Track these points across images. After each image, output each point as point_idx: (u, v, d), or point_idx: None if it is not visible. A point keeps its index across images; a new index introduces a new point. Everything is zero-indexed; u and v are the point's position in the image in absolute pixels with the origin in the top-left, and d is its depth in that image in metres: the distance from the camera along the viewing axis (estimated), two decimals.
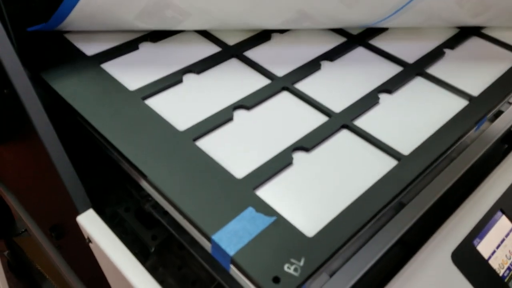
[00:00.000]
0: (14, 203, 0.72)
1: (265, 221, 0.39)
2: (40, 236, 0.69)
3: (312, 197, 0.42)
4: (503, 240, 0.55)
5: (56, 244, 0.65)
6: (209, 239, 0.38)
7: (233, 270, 0.37)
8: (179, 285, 0.54)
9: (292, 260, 0.37)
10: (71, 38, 0.58)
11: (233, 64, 0.57)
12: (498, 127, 0.67)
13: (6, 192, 0.73)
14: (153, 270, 0.56)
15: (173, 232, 0.52)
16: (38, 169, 0.53)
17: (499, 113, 0.69)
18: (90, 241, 0.48)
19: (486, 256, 0.54)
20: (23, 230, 1.19)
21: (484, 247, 0.54)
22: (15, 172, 0.67)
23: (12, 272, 1.27)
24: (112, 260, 0.45)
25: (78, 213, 0.48)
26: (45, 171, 0.50)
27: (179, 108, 0.50)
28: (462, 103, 0.53)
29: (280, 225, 0.39)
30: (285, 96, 0.53)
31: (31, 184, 0.61)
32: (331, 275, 0.51)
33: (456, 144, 0.48)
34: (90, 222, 0.47)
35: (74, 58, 0.54)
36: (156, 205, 0.55)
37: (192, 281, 0.54)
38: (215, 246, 0.38)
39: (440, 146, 0.47)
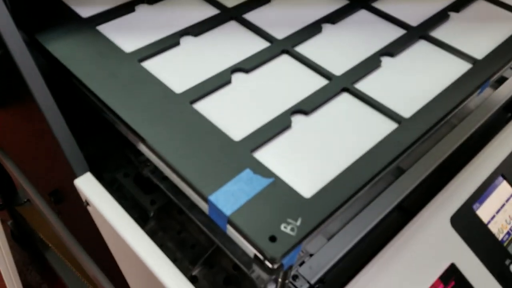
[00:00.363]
0: (13, 170, 0.72)
1: (262, 182, 0.39)
2: (41, 204, 0.69)
3: (310, 159, 0.41)
4: (503, 205, 0.55)
5: (56, 210, 0.65)
6: (206, 200, 0.38)
7: (230, 230, 0.37)
8: (178, 248, 0.54)
9: (289, 220, 0.36)
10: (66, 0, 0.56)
11: (232, 27, 0.56)
12: (502, 94, 0.66)
13: (5, 159, 0.73)
14: (152, 234, 0.56)
15: (172, 196, 0.52)
16: (35, 133, 0.53)
17: (503, 79, 0.68)
18: (88, 204, 0.48)
19: (485, 220, 0.53)
20: (26, 200, 1.20)
21: (483, 211, 0.53)
22: (14, 138, 0.67)
23: (15, 241, 1.29)
24: (110, 222, 0.45)
25: (75, 176, 0.48)
26: (42, 135, 0.50)
27: (176, 70, 0.49)
28: (465, 66, 0.51)
29: (278, 186, 0.39)
30: (284, 59, 0.52)
31: (29, 149, 0.61)
32: (329, 239, 0.51)
33: (459, 108, 0.47)
34: (88, 185, 0.47)
35: (69, 20, 0.53)
36: (155, 170, 0.55)
37: (191, 245, 0.55)
38: (212, 206, 0.38)
39: (442, 109, 0.46)
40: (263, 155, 0.42)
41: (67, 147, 0.47)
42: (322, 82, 0.49)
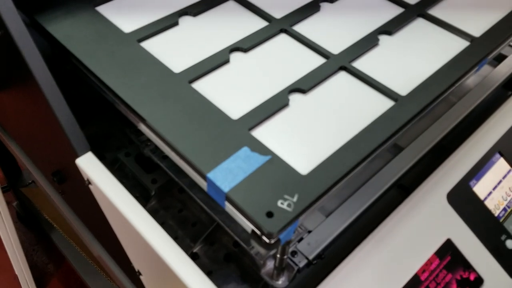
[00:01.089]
0: (17, 151, 0.73)
1: (259, 160, 0.40)
2: (45, 184, 0.70)
3: (307, 137, 0.42)
4: (500, 182, 0.56)
5: (59, 190, 0.66)
6: (204, 177, 0.39)
7: (228, 207, 0.38)
8: (179, 226, 0.55)
9: (286, 196, 0.37)
10: None
11: (230, 6, 0.56)
12: (501, 72, 0.66)
13: (9, 140, 0.74)
14: (154, 213, 0.57)
15: (173, 175, 0.53)
16: (37, 114, 0.54)
17: (502, 57, 0.68)
18: (89, 183, 0.48)
19: (482, 197, 0.54)
20: (30, 181, 1.22)
21: (480, 188, 0.54)
22: (16, 119, 0.67)
23: (21, 222, 1.31)
24: (111, 200, 0.46)
25: (77, 156, 0.49)
26: (44, 115, 0.50)
27: (175, 50, 0.49)
28: (463, 44, 0.52)
29: (275, 163, 0.39)
30: (283, 38, 0.52)
31: (32, 130, 0.62)
32: (327, 216, 0.52)
33: (456, 86, 0.48)
34: (89, 164, 0.48)
35: (68, 1, 0.53)
36: (155, 150, 0.55)
37: (192, 223, 0.56)
38: (210, 183, 0.38)
39: (439, 87, 0.46)
40: (261, 133, 0.42)
41: (68, 127, 0.48)
42: (320, 61, 0.49)
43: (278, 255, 0.45)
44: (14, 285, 1.18)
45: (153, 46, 0.50)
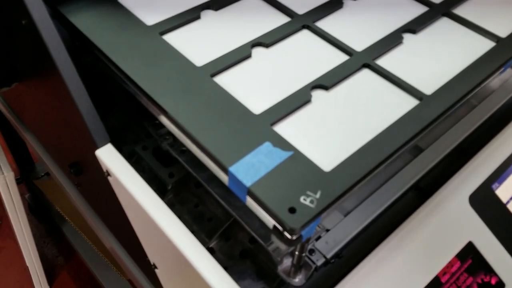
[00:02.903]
0: (33, 143, 0.73)
1: (282, 155, 0.39)
2: (60, 176, 0.71)
3: (330, 134, 0.41)
4: None
5: (75, 182, 0.66)
6: (226, 171, 0.38)
7: (249, 202, 0.38)
8: (195, 221, 0.55)
9: (309, 193, 0.37)
10: None
11: (252, 1, 0.55)
12: None
13: (25, 132, 0.74)
14: (169, 207, 0.56)
15: (190, 169, 0.53)
16: (57, 104, 0.54)
17: None
18: (109, 174, 0.48)
19: (504, 200, 0.53)
20: (43, 174, 1.22)
21: (503, 191, 0.53)
22: (34, 110, 0.67)
23: (32, 214, 1.32)
24: (130, 192, 0.45)
25: (97, 147, 0.49)
26: (64, 107, 0.50)
27: (197, 44, 0.49)
28: (489, 44, 0.51)
29: (297, 159, 0.39)
30: (305, 34, 0.51)
31: (50, 121, 0.62)
32: (345, 215, 0.51)
33: (481, 86, 0.47)
34: (109, 156, 0.48)
35: None
36: (173, 144, 0.55)
37: (208, 218, 0.55)
38: (232, 177, 0.38)
39: (464, 87, 0.46)
40: (283, 128, 0.42)
41: (89, 119, 0.48)
42: (342, 57, 0.49)
43: (297, 252, 0.44)
44: (25, 276, 1.18)
45: (175, 39, 0.49)
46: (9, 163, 0.94)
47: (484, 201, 0.51)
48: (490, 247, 0.50)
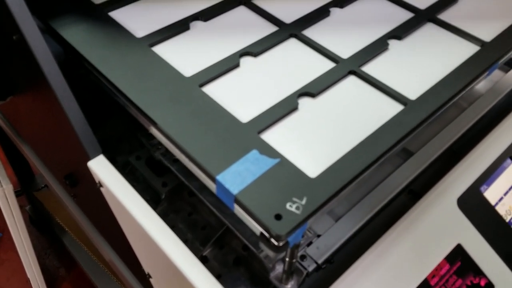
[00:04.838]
0: (30, 155, 0.74)
1: (268, 162, 0.40)
2: (57, 187, 0.71)
3: (316, 140, 0.42)
4: (511, 187, 0.55)
5: (71, 193, 0.67)
6: (214, 180, 0.39)
7: (237, 209, 0.38)
8: (189, 230, 0.56)
9: (294, 199, 0.37)
10: None
11: (241, 12, 0.56)
12: None
13: (22, 144, 0.75)
14: (164, 216, 0.57)
15: (183, 178, 0.53)
16: (50, 117, 0.55)
17: None
18: (101, 185, 0.49)
19: (493, 202, 0.54)
20: (43, 185, 1.23)
21: (491, 193, 0.54)
22: (29, 123, 0.68)
23: (33, 225, 1.32)
24: (122, 202, 0.46)
25: (89, 158, 0.49)
26: (57, 119, 0.51)
27: (186, 54, 0.50)
28: (473, 48, 0.51)
29: (284, 166, 0.39)
30: (292, 43, 0.52)
31: (44, 134, 0.63)
32: (336, 220, 0.52)
33: (466, 90, 0.48)
34: (100, 167, 0.48)
35: (81, 7, 0.54)
36: (166, 153, 0.56)
37: (201, 226, 0.56)
38: (220, 186, 0.39)
39: (449, 92, 0.46)
40: (270, 136, 0.42)
41: (81, 131, 0.48)
42: (329, 65, 0.49)
43: (287, 259, 0.45)
44: None
45: (165, 50, 0.50)
46: (10, 175, 0.95)
47: (472, 203, 0.52)
48: (479, 249, 0.50)
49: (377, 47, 0.51)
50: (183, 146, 0.41)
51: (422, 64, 0.50)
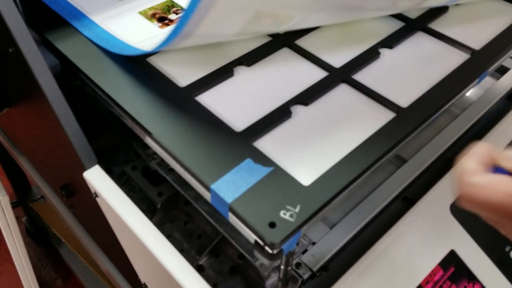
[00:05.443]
0: (26, 166, 0.74)
1: (262, 171, 0.40)
2: (53, 198, 0.72)
3: (309, 148, 0.43)
4: None
5: (67, 204, 0.67)
6: (208, 189, 0.39)
7: (232, 218, 0.39)
8: (185, 239, 0.56)
9: (288, 207, 0.38)
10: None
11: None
12: (504, 84, 0.67)
13: (18, 155, 0.75)
14: (160, 225, 0.57)
15: (178, 188, 0.54)
16: (46, 128, 0.55)
17: (505, 70, 0.69)
18: (97, 195, 0.49)
19: None
20: (39, 196, 1.23)
21: None
22: (26, 134, 0.69)
23: (30, 237, 1.32)
24: (117, 213, 0.46)
25: (84, 169, 0.50)
26: (52, 130, 0.51)
27: (180, 65, 0.51)
28: (464, 56, 0.52)
29: (277, 175, 0.40)
30: (285, 52, 0.53)
31: (41, 144, 0.63)
32: (331, 228, 0.52)
33: (456, 98, 0.48)
34: (96, 177, 0.49)
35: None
36: (161, 163, 0.56)
37: (197, 235, 0.56)
38: (214, 195, 0.39)
39: (440, 99, 0.47)
40: (264, 144, 0.43)
41: (76, 141, 0.49)
42: (321, 74, 0.50)
43: (282, 267, 0.45)
44: None
45: (159, 60, 0.51)
46: (6, 187, 0.95)
47: (465, 209, 0.52)
48: (472, 254, 0.51)
49: (369, 56, 0.52)
50: (178, 157, 0.41)
51: (413, 72, 0.50)
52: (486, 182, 0.29)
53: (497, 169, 0.31)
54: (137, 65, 0.49)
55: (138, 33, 0.54)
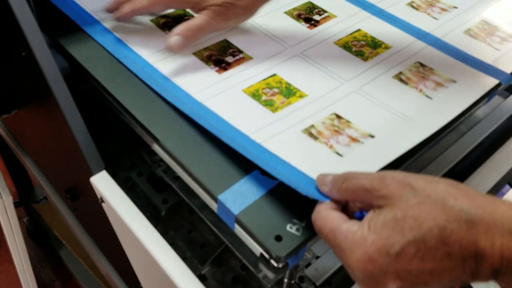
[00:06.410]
0: (32, 167, 0.75)
1: (270, 183, 0.40)
2: (57, 201, 0.71)
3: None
4: None
5: (71, 207, 0.67)
6: (215, 199, 0.39)
7: (238, 229, 0.39)
8: (188, 247, 0.56)
9: (295, 220, 0.38)
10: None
11: None
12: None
13: (24, 156, 0.75)
14: (163, 233, 0.57)
15: (183, 196, 0.54)
16: (55, 133, 0.55)
17: None
18: (102, 201, 0.49)
19: None
20: (42, 197, 1.23)
21: None
22: (33, 136, 0.69)
23: (30, 237, 1.32)
24: (123, 219, 0.46)
25: (92, 174, 0.50)
26: (62, 134, 0.52)
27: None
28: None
29: (285, 187, 0.40)
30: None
31: (48, 147, 0.63)
32: None
33: (465, 116, 0.48)
34: (103, 183, 0.49)
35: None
36: (167, 170, 0.56)
37: (200, 244, 0.56)
38: (221, 205, 0.39)
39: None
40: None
41: (85, 146, 0.49)
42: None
43: (286, 280, 0.45)
44: None
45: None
46: (9, 186, 0.95)
47: None
48: None
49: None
50: (186, 166, 0.42)
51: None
52: (322, 216, 0.35)
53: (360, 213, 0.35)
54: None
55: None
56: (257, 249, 0.37)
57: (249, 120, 0.45)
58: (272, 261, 0.37)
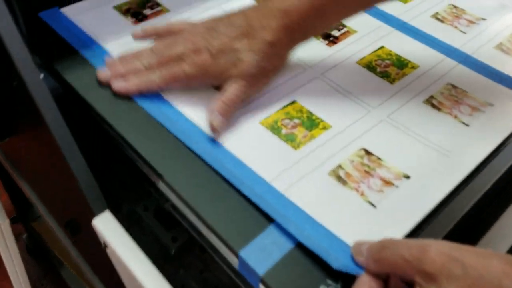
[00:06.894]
0: (29, 192, 0.70)
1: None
2: (56, 229, 0.67)
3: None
4: None
5: (72, 240, 0.63)
6: (236, 254, 0.35)
7: None
8: None
9: (329, 281, 0.33)
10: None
11: None
12: None
13: (20, 180, 0.71)
14: (174, 273, 0.53)
15: (195, 234, 0.49)
16: (52, 165, 0.50)
17: None
18: (106, 246, 0.45)
19: None
20: (39, 215, 1.18)
21: None
22: (29, 162, 0.64)
23: (30, 254, 1.27)
24: (130, 268, 0.42)
25: (93, 214, 0.45)
26: (60, 169, 0.47)
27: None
28: None
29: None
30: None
31: (46, 177, 0.59)
32: None
33: (505, 145, 0.44)
34: (106, 226, 0.44)
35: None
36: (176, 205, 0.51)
37: (214, 286, 0.51)
38: (243, 263, 0.34)
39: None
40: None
41: (85, 185, 0.44)
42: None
43: None
44: None
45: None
46: (5, 200, 0.90)
47: None
48: None
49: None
50: (202, 215, 0.37)
51: None
52: None
53: None
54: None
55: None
56: None
57: (270, 161, 0.40)
58: None
